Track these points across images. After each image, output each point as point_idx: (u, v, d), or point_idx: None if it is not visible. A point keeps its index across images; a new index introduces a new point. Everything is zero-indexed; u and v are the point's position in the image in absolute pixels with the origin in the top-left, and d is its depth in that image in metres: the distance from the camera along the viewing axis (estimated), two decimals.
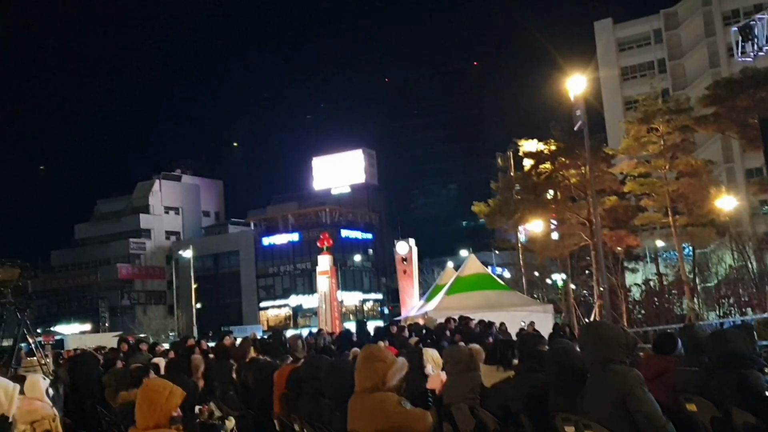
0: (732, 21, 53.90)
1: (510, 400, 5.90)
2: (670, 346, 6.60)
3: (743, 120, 35.32)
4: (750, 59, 18.44)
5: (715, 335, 6.12)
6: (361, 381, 4.76)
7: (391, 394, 4.67)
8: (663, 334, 7.02)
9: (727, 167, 55.89)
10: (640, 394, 4.56)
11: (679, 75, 65.75)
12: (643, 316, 42.36)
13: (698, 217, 39.24)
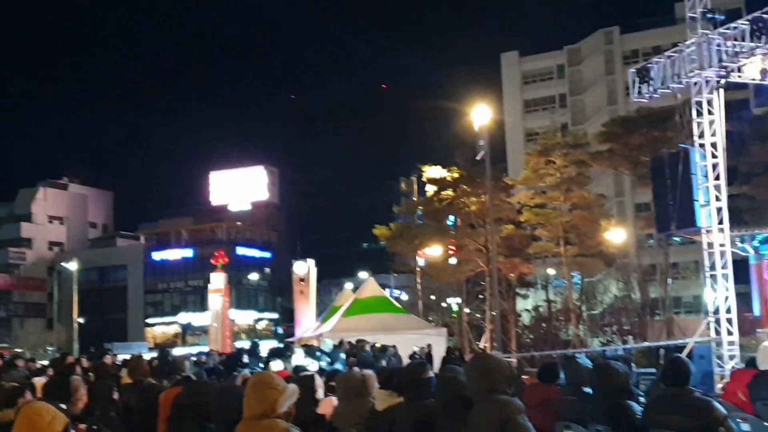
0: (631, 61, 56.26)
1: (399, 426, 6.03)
2: (553, 375, 6.91)
3: (635, 157, 36.96)
4: (645, 100, 19.32)
5: (597, 367, 6.45)
6: (250, 407, 4.78)
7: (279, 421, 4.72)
8: (547, 363, 7.34)
9: (618, 201, 58.14)
10: (519, 422, 4.78)
11: (579, 110, 68.08)
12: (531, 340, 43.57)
13: (588, 247, 40.80)
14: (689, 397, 5.57)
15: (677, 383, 5.64)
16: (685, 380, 5.64)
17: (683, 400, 5.53)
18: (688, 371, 5.67)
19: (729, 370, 16.38)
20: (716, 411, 5.46)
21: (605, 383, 6.00)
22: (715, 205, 17.40)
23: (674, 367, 5.78)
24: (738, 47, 16.63)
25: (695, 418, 5.39)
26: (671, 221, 18.00)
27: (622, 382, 6.00)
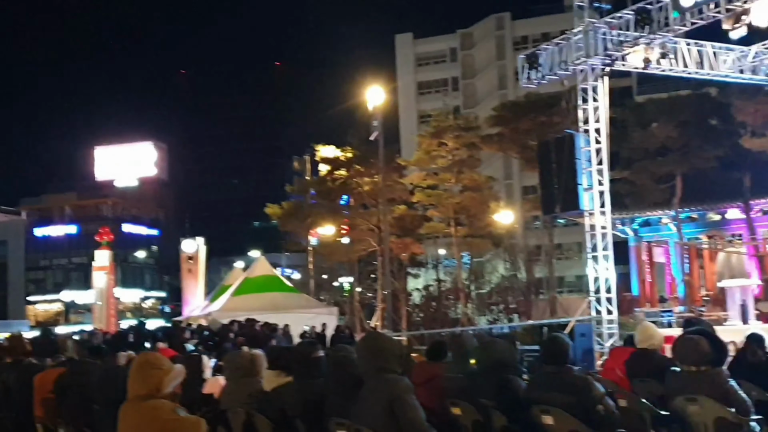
0: (521, 47, 57.38)
1: (287, 405, 6.00)
2: (441, 354, 7.01)
3: (524, 141, 37.82)
4: (534, 86, 19.75)
5: (483, 344, 6.58)
6: (134, 388, 4.65)
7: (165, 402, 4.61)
8: (435, 342, 7.43)
9: (507, 184, 59.49)
10: (407, 401, 4.81)
11: (471, 94, 69.13)
12: (421, 319, 44.25)
13: (478, 228, 41.68)
14: (568, 375, 5.74)
15: (556, 362, 5.81)
16: (563, 359, 5.80)
17: (562, 378, 5.70)
18: (566, 350, 5.83)
19: (608, 347, 17.05)
20: (594, 389, 5.66)
21: (491, 360, 6.13)
22: (598, 189, 18.01)
23: (552, 346, 5.94)
24: (623, 36, 17.19)
25: (574, 395, 5.56)
26: (556, 204, 18.53)
27: (507, 359, 6.14)
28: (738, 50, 19.05)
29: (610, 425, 5.59)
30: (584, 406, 5.54)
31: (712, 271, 32.87)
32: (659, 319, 23.05)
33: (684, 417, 6.16)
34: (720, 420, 5.88)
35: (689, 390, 5.98)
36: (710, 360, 6.00)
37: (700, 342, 6.10)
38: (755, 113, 26.53)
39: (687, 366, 6.05)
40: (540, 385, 5.82)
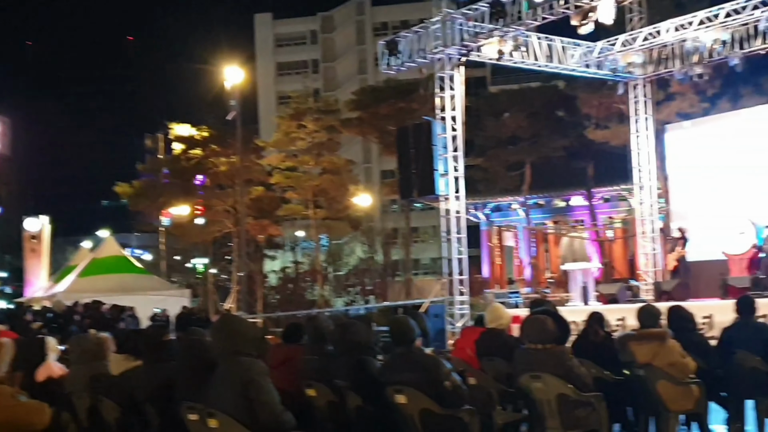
0: (381, 33, 57.90)
1: (136, 389, 5.83)
2: (297, 336, 7.00)
3: (383, 126, 38.23)
4: (393, 72, 19.95)
5: (339, 326, 6.61)
6: None
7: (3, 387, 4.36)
8: (291, 324, 7.41)
9: (366, 167, 60.03)
10: (262, 383, 4.77)
11: (331, 77, 69.12)
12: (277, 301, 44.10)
13: (336, 211, 41.87)
14: (417, 355, 5.87)
15: (404, 342, 5.93)
16: (410, 339, 5.93)
17: (412, 358, 5.82)
18: (411, 330, 5.95)
19: (460, 327, 17.58)
20: (442, 366, 5.82)
21: (347, 341, 6.18)
22: (453, 175, 18.45)
23: (398, 327, 6.05)
24: (478, 28, 17.62)
25: (423, 373, 5.70)
26: (413, 188, 18.84)
27: (364, 340, 6.20)
28: (585, 46, 19.94)
29: (458, 401, 5.76)
30: (433, 383, 5.68)
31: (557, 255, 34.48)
32: (507, 300, 24.00)
33: (529, 393, 6.44)
34: (561, 396, 6.18)
35: (535, 366, 6.24)
36: (555, 338, 6.30)
37: (545, 321, 6.39)
38: (599, 106, 27.88)
39: (534, 344, 6.32)
40: (392, 366, 5.92)
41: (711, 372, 7.46)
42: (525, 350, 6.43)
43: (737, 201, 19.65)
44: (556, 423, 6.20)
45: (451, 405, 5.70)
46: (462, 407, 5.77)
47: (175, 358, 5.76)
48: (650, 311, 7.33)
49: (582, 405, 6.20)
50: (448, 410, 5.68)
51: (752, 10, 17.02)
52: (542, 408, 6.28)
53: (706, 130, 21.03)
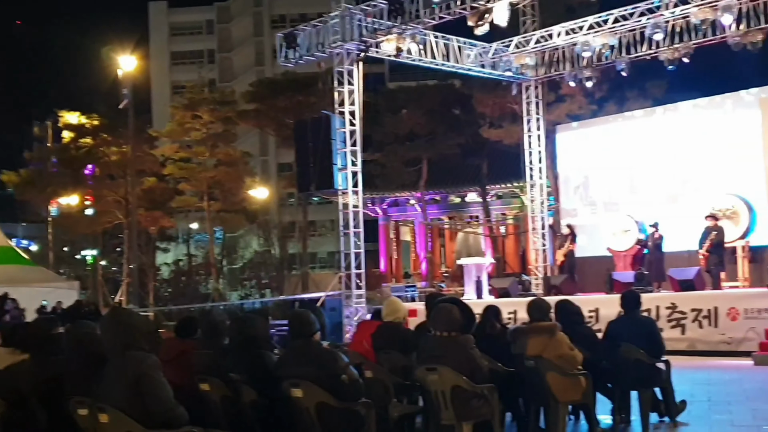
0: (279, 25, 57.37)
1: (22, 384, 5.59)
2: (191, 330, 6.86)
3: (280, 119, 37.92)
4: (291, 65, 19.81)
5: (236, 320, 6.52)
6: None
7: None
8: (184, 318, 7.25)
9: (263, 160, 59.43)
10: (154, 378, 4.65)
11: (227, 68, 68.01)
12: (169, 294, 43.20)
13: (232, 203, 41.31)
14: (314, 348, 5.85)
15: (303, 336, 5.90)
16: (309, 333, 5.90)
17: (309, 351, 5.80)
18: (310, 324, 5.93)
19: (356, 321, 17.65)
20: (339, 359, 5.82)
21: (244, 335, 6.10)
22: (351, 170, 18.49)
23: (297, 321, 6.02)
24: (377, 24, 17.69)
25: (321, 367, 5.69)
26: (311, 182, 18.77)
27: (260, 334, 6.13)
28: (480, 46, 20.34)
29: (355, 394, 5.78)
30: (330, 376, 5.67)
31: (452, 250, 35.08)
32: (404, 294, 24.25)
33: (424, 385, 6.53)
34: (456, 388, 6.28)
35: (439, 352, 6.33)
36: (460, 326, 6.41)
37: (452, 310, 6.49)
38: (493, 105, 28.46)
39: (440, 331, 6.41)
40: (289, 359, 5.88)
41: (597, 364, 7.74)
42: (431, 337, 6.50)
43: (623, 199, 20.47)
44: (450, 414, 6.30)
45: (348, 398, 5.71)
46: (358, 400, 5.79)
47: (64, 352, 5.55)
48: (540, 305, 7.53)
49: (475, 396, 6.32)
50: (345, 403, 5.69)
51: (639, 17, 17.75)
52: (437, 399, 6.37)
53: (594, 132, 21.80)
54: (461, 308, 6.65)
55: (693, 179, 19.32)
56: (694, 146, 19.32)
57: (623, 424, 7.94)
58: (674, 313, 14.65)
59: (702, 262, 16.32)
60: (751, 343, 13.49)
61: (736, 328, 13.87)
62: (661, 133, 19.97)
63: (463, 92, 30.92)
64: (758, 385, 10.59)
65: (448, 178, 33.92)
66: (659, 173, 19.89)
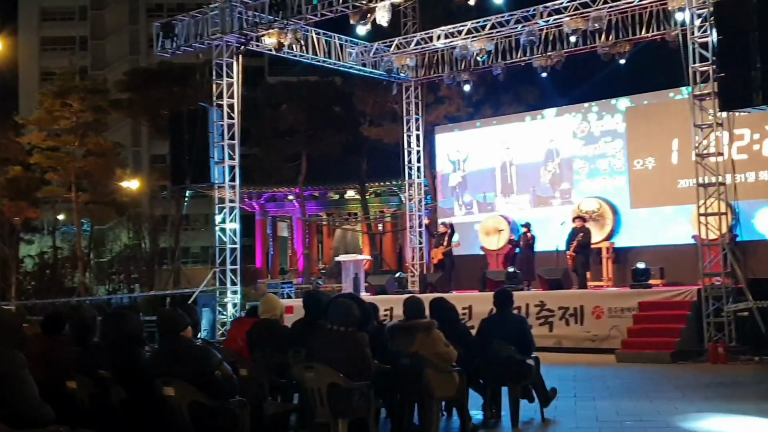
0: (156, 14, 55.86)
1: None
2: (58, 326, 6.56)
3: (155, 110, 36.92)
4: (168, 55, 19.31)
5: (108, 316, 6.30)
6: None
7: None
8: (51, 313, 6.93)
9: (135, 151, 57.64)
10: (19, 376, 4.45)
11: (100, 56, 65.57)
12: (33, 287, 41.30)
13: (101, 195, 39.94)
14: (186, 345, 5.72)
15: (173, 332, 5.76)
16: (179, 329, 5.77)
17: (181, 349, 5.67)
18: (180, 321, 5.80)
19: (231, 317, 17.39)
20: (212, 356, 5.72)
21: (116, 332, 5.89)
22: (229, 163, 18.20)
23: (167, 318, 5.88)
24: (258, 18, 17.44)
25: (193, 364, 5.57)
26: (187, 175, 18.36)
27: (132, 330, 5.94)
28: (362, 45, 20.44)
29: (229, 391, 5.69)
30: (203, 374, 5.57)
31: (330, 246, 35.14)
32: (280, 290, 24.09)
33: (301, 383, 6.49)
34: (332, 385, 6.27)
35: (333, 346, 6.30)
36: (357, 322, 6.41)
37: (351, 305, 6.48)
38: (374, 104, 28.70)
39: (336, 325, 6.38)
40: (161, 357, 5.73)
41: (470, 360, 7.92)
42: (326, 330, 6.45)
43: (497, 200, 21.08)
44: (326, 412, 6.29)
45: (222, 396, 5.61)
46: (232, 398, 5.70)
47: None
48: (416, 302, 7.62)
49: (352, 393, 6.34)
50: (218, 402, 5.59)
51: (515, 24, 18.31)
52: (313, 397, 6.35)
53: (470, 134, 22.30)
54: (359, 305, 6.67)
55: (563, 182, 20.11)
56: (565, 150, 20.09)
57: (494, 419, 8.16)
58: (543, 311, 15.19)
59: (569, 261, 16.99)
60: (614, 341, 14.13)
61: (601, 326, 14.50)
62: (533, 137, 20.66)
63: (344, 90, 31.03)
64: (621, 381, 11.09)
65: (327, 175, 33.95)
66: (531, 176, 20.57)
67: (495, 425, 8.05)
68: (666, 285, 15.90)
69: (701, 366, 12.59)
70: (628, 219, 18.85)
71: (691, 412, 8.53)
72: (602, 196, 19.12)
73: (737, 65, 12.73)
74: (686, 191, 17.01)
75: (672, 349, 13.26)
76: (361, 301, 7.00)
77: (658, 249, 17.88)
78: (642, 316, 14.26)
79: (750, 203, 16.49)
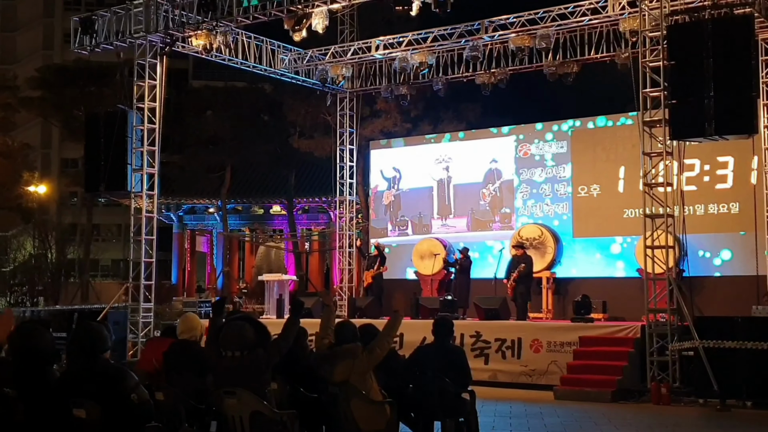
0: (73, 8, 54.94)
1: None
2: None
3: (68, 110, 36.18)
4: (86, 52, 18.95)
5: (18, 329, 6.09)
6: None
7: None
8: None
9: (44, 153, 56.25)
10: None
11: (10, 49, 64.00)
12: None
13: (5, 199, 38.91)
14: (101, 366, 5.57)
15: (89, 351, 5.60)
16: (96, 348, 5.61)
17: (95, 369, 5.52)
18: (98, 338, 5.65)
19: (143, 337, 17.01)
20: (128, 378, 5.58)
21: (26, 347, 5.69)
22: (147, 171, 17.88)
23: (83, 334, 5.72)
24: (185, 17, 17.20)
25: (108, 385, 5.43)
26: (101, 182, 17.97)
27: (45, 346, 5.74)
28: (296, 51, 20.39)
29: (145, 416, 5.55)
30: (118, 397, 5.42)
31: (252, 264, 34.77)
32: (197, 309, 23.71)
33: (220, 410, 6.37)
34: (255, 413, 6.18)
35: (233, 374, 6.22)
36: (254, 344, 6.32)
37: (244, 327, 6.38)
38: (305, 115, 28.57)
39: (231, 351, 6.28)
40: (73, 376, 5.56)
41: (402, 392, 7.90)
42: (223, 359, 6.35)
43: (433, 222, 21.17)
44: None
45: (137, 421, 5.47)
46: (148, 424, 5.56)
47: None
48: (347, 327, 7.59)
49: (275, 423, 6.25)
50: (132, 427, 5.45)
51: (458, 38, 18.52)
52: (234, 425, 6.24)
53: (407, 151, 22.38)
54: (254, 326, 6.56)
55: (503, 206, 20.30)
56: (506, 173, 20.29)
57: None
58: (478, 342, 15.24)
59: (509, 291, 17.08)
60: (552, 377, 14.21)
61: (539, 360, 14.57)
62: (474, 156, 20.82)
63: (274, 98, 30.83)
64: (559, 420, 11.18)
65: (252, 188, 33.67)
66: (470, 197, 20.72)
67: None
68: (608, 320, 15.98)
69: (643, 407, 12.66)
70: (571, 248, 19.07)
71: None
72: (544, 223, 19.33)
73: (690, 92, 12.87)
74: (632, 222, 17.31)
75: (613, 388, 13.33)
76: (256, 322, 6.89)
77: (601, 281, 18.09)
78: (582, 352, 14.33)
79: (698, 237, 16.77)
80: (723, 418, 11.68)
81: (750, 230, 16.55)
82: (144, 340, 16.59)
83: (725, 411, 12.00)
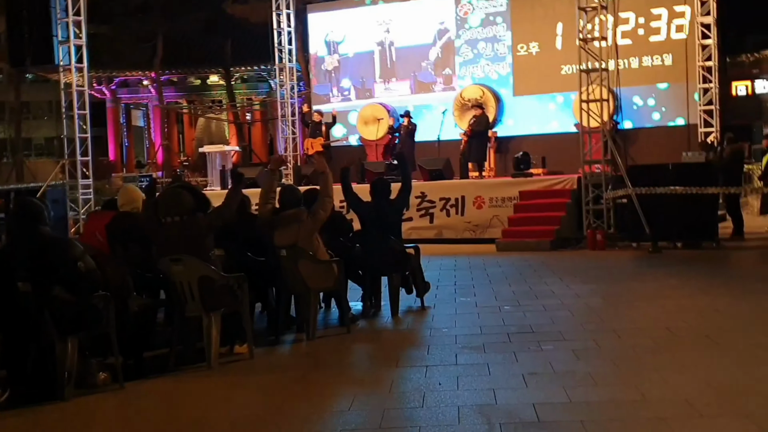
0: None
1: None
2: None
3: None
4: None
5: None
6: None
7: None
8: None
9: None
10: None
11: None
12: None
13: None
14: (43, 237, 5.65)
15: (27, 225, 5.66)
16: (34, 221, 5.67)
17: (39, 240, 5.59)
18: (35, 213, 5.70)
19: (83, 213, 16.99)
20: (74, 247, 5.70)
21: None
22: (75, 43, 17.35)
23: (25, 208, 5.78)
24: None
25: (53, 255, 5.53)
26: (26, 56, 17.44)
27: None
28: None
29: (92, 285, 5.69)
30: (65, 266, 5.54)
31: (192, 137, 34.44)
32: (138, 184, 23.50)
33: (168, 277, 6.54)
34: (203, 278, 6.37)
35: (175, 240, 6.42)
36: (193, 209, 6.47)
37: (182, 193, 6.54)
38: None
39: (171, 217, 6.42)
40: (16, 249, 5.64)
41: (349, 251, 8.17)
42: (163, 225, 6.49)
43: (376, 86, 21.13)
44: (197, 305, 6.41)
45: (85, 291, 5.61)
46: (96, 293, 5.71)
47: None
48: (292, 192, 7.75)
49: (223, 287, 6.46)
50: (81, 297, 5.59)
51: None
52: (182, 291, 6.43)
53: (348, 13, 21.94)
54: (191, 192, 6.70)
55: (445, 67, 20.33)
56: (447, 34, 20.23)
57: (374, 309, 8.49)
58: (423, 203, 15.64)
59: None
60: (495, 230, 14.86)
61: (482, 215, 15.18)
62: (415, 18, 20.65)
63: None
64: (501, 269, 11.68)
65: (186, 58, 32.86)
66: (413, 60, 20.67)
67: (375, 315, 8.38)
68: (547, 174, 16.58)
69: (580, 253, 13.42)
70: (512, 107, 19.40)
71: (569, 293, 9.14)
72: (485, 83, 19.52)
73: None
74: (570, 78, 17.61)
75: (552, 237, 14.05)
76: (193, 188, 7.05)
77: (541, 137, 18.64)
78: (522, 205, 14.98)
79: (632, 90, 17.38)
80: (654, 258, 12.42)
81: (682, 81, 17.12)
82: (85, 216, 16.58)
83: (657, 252, 12.76)
